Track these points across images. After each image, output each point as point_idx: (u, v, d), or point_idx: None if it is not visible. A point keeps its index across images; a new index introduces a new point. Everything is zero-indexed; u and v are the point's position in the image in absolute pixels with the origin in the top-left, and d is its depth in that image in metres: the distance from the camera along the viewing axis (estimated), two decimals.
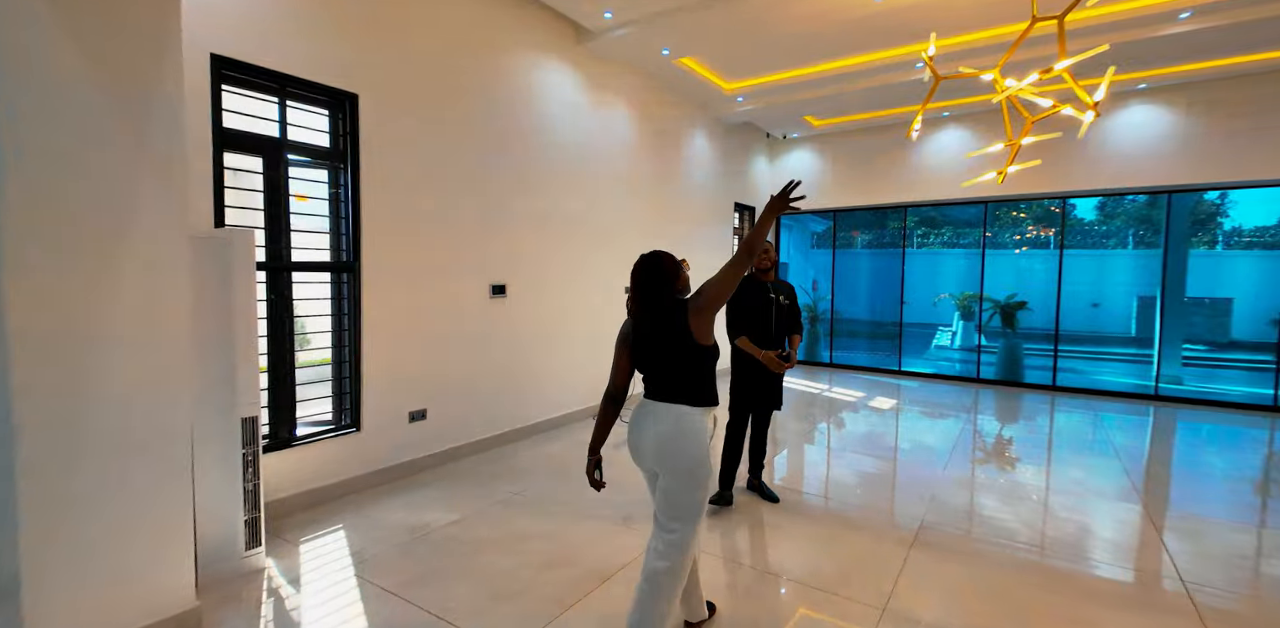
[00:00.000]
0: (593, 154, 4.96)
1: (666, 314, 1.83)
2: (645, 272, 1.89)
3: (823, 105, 6.39)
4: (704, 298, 1.79)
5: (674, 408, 1.80)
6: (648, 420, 1.83)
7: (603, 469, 1.96)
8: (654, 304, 1.86)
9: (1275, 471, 4.02)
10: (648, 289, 1.88)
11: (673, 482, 1.78)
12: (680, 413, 1.79)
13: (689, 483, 1.76)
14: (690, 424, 1.79)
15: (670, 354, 1.82)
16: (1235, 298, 11.35)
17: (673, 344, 1.81)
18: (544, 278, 4.52)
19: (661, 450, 1.78)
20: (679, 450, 1.76)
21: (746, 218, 8.03)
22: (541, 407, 4.56)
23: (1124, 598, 2.32)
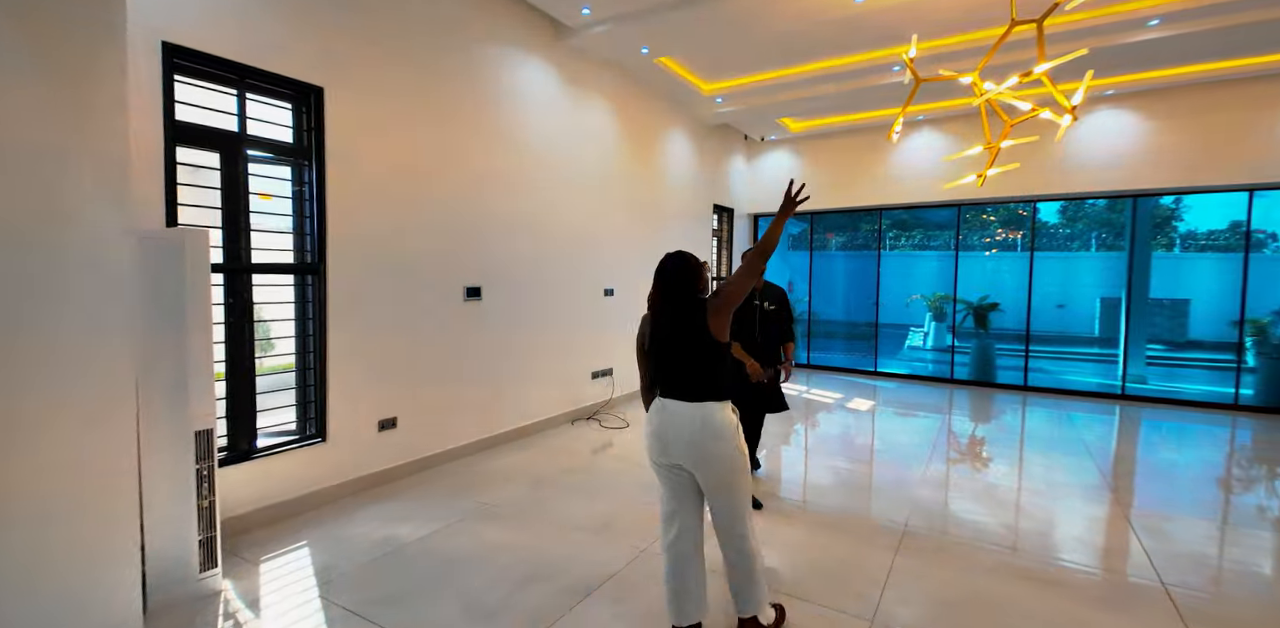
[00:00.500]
0: (571, 153, 4.86)
1: (687, 313, 1.88)
2: (673, 271, 1.94)
3: (800, 107, 6.40)
4: (721, 298, 1.85)
5: (702, 406, 1.84)
6: (675, 420, 1.86)
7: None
8: (677, 303, 1.91)
9: (1247, 467, 4.13)
10: (674, 288, 1.92)
11: (716, 480, 1.84)
12: (709, 410, 1.84)
13: (733, 477, 1.84)
14: (721, 421, 1.84)
15: (691, 352, 1.86)
16: (1192, 299, 11.79)
17: (693, 342, 1.86)
18: (520, 280, 4.40)
19: (698, 449, 1.82)
20: (715, 448, 1.81)
21: (725, 219, 8.01)
22: (517, 414, 4.44)
23: (1113, 600, 2.32)
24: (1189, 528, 3.00)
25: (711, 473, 1.83)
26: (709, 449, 1.81)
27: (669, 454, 1.88)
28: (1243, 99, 5.40)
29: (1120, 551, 2.76)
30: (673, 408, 1.87)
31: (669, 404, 1.88)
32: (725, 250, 8.10)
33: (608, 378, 5.41)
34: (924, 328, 12.05)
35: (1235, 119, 5.44)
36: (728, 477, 1.84)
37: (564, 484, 3.47)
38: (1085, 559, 2.66)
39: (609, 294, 5.40)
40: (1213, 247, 12.91)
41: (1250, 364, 5.93)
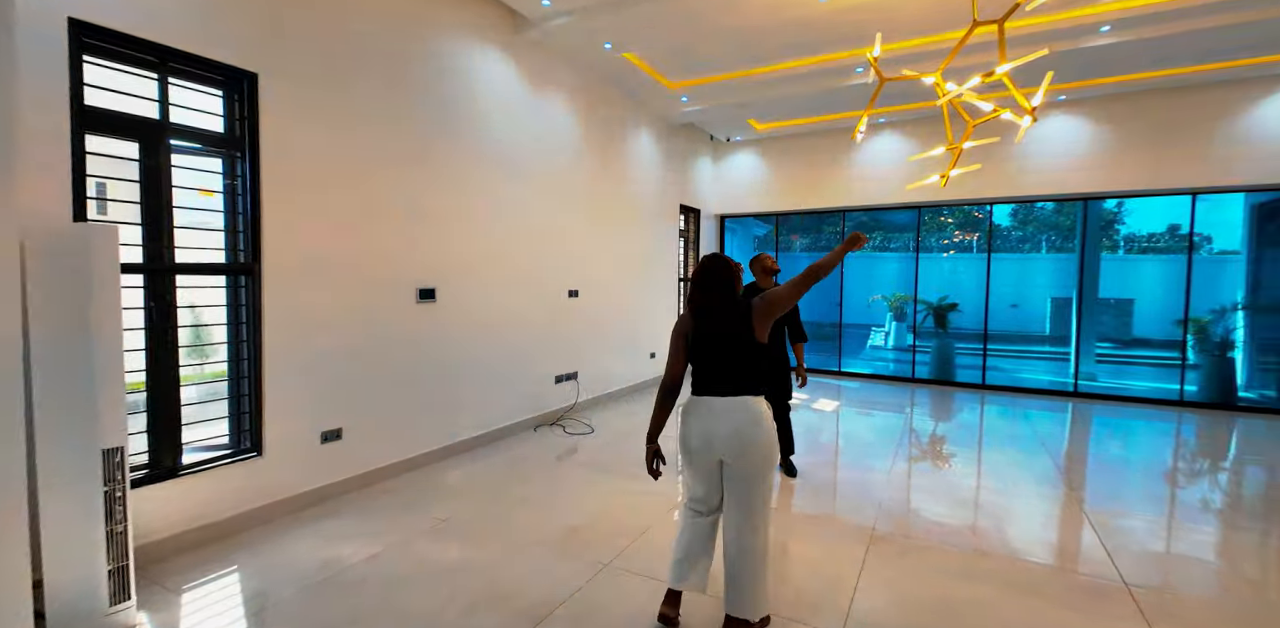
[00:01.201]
0: (532, 149, 4.69)
1: (731, 314, 1.97)
2: (713, 273, 2.02)
3: (766, 108, 6.38)
4: (768, 304, 1.95)
5: (743, 400, 1.93)
6: (715, 414, 1.93)
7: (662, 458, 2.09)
8: (719, 303, 1.99)
9: (1192, 461, 4.27)
10: (715, 289, 2.01)
11: (750, 469, 1.92)
12: (750, 404, 1.93)
13: (766, 468, 1.93)
14: (762, 414, 1.93)
15: (735, 350, 1.94)
16: (1135, 299, 12.36)
17: (737, 341, 1.95)
18: (478, 281, 4.22)
19: (740, 441, 1.90)
20: (756, 440, 1.90)
21: (692, 220, 7.95)
22: (475, 422, 4.25)
23: (1073, 596, 2.30)
24: (1145, 524, 3.05)
25: (748, 462, 1.91)
26: (751, 438, 1.89)
27: (713, 449, 1.94)
28: (1185, 106, 5.61)
29: (1078, 546, 2.77)
30: (715, 404, 1.94)
31: (711, 401, 1.95)
32: (692, 252, 8.04)
33: (572, 382, 5.25)
34: (885, 328, 12.29)
35: (1178, 125, 5.65)
36: (761, 466, 1.92)
37: (523, 495, 3.31)
38: (1045, 555, 2.66)
39: (573, 296, 5.25)
40: (1153, 249, 13.59)
41: (1193, 361, 6.17)
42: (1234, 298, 6.67)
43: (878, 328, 12.65)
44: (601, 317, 5.72)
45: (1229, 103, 5.44)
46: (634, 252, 6.29)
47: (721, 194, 8.30)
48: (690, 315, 2.04)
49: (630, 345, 6.31)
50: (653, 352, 6.80)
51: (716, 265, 2.03)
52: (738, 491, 1.94)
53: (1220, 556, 2.74)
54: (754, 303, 1.96)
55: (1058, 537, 2.94)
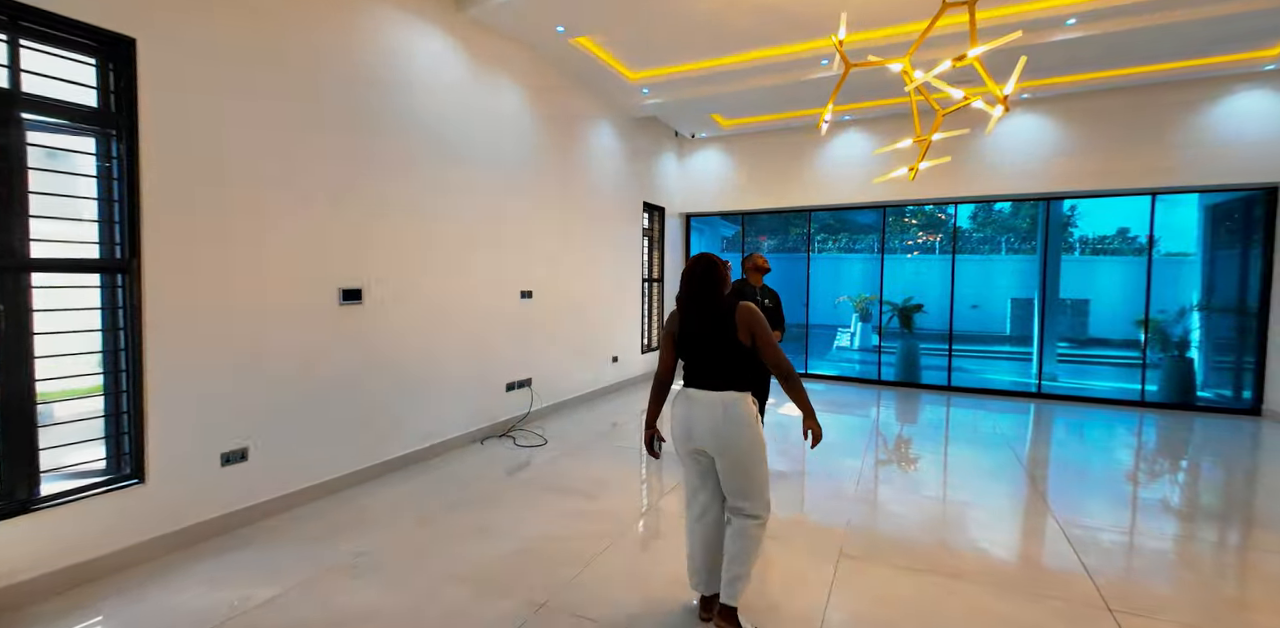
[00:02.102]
0: (478, 139, 4.34)
1: (717, 317, 2.01)
2: (701, 276, 2.07)
3: (730, 102, 6.15)
4: (749, 323, 1.97)
5: (722, 395, 1.97)
6: (696, 407, 1.99)
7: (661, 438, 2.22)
8: (705, 305, 2.05)
9: (1153, 461, 4.19)
10: (701, 290, 2.07)
11: (733, 463, 1.96)
12: (730, 399, 1.96)
13: (751, 461, 1.96)
14: (741, 409, 1.95)
15: (717, 350, 2.00)
16: (1091, 299, 12.66)
17: (720, 343, 2.00)
18: (415, 281, 3.85)
19: (718, 435, 1.94)
20: (735, 434, 1.93)
21: (656, 219, 7.68)
22: (411, 435, 3.87)
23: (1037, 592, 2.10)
24: (1117, 530, 2.89)
25: (730, 457, 1.95)
26: (730, 434, 1.93)
27: (693, 439, 2.01)
28: (1146, 106, 5.61)
29: (1049, 548, 2.59)
30: (697, 396, 2.00)
31: (693, 393, 2.02)
32: (657, 251, 7.77)
33: (525, 390, 4.91)
34: (851, 328, 12.28)
35: (1140, 126, 5.65)
36: (745, 460, 1.95)
37: (457, 521, 2.96)
38: (1013, 557, 2.46)
39: (527, 297, 4.90)
40: (1104, 251, 13.99)
41: (1151, 358, 6.19)
42: (1187, 299, 6.75)
43: (844, 329, 12.65)
44: (559, 319, 5.39)
45: (1189, 103, 5.46)
46: (595, 251, 5.98)
47: (687, 192, 8.06)
48: (677, 313, 2.12)
49: (591, 349, 6.00)
50: (615, 355, 6.50)
51: (701, 266, 2.08)
52: (730, 484, 2.01)
53: (1191, 552, 2.59)
54: (740, 311, 1.98)
55: (1032, 550, 2.76)
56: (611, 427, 4.97)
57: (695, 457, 2.07)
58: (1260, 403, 5.51)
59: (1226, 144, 5.33)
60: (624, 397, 6.25)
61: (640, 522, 2.97)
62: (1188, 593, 2.36)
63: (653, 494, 3.39)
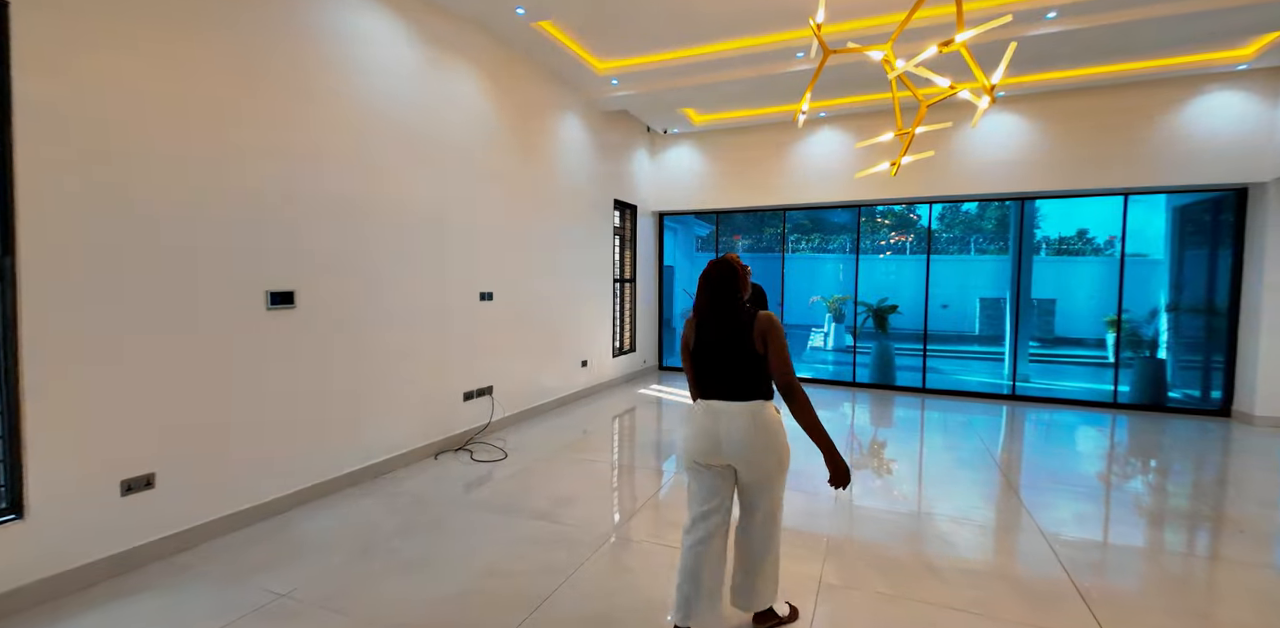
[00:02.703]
0: (434, 129, 4.01)
1: (735, 327, 1.92)
2: (719, 280, 1.98)
3: (703, 96, 5.93)
4: (765, 335, 1.89)
5: (749, 405, 1.89)
6: (724, 419, 1.90)
7: None
8: (723, 312, 1.95)
9: (1124, 464, 4.11)
10: (720, 296, 1.97)
11: (759, 473, 1.89)
12: (757, 408, 1.89)
13: (778, 466, 1.90)
14: (770, 417, 1.90)
15: (735, 358, 1.91)
16: (1057, 299, 12.88)
17: (738, 352, 1.91)
18: (359, 282, 3.51)
19: (751, 445, 1.86)
20: (767, 442, 1.86)
21: (628, 217, 7.42)
22: (354, 451, 3.54)
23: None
24: (1105, 544, 2.75)
25: (760, 468, 1.89)
26: (761, 444, 1.86)
27: (720, 453, 1.90)
28: (1121, 106, 5.57)
29: (1031, 553, 2.42)
30: (723, 408, 1.91)
31: (718, 405, 1.92)
32: (629, 250, 7.51)
33: (485, 398, 4.59)
34: (825, 329, 12.25)
35: (1114, 125, 5.61)
36: (774, 471, 1.91)
37: (399, 551, 2.66)
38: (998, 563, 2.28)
39: (486, 299, 4.59)
40: (1068, 251, 14.30)
41: (1111, 359, 6.18)
42: (1152, 300, 6.79)
43: (817, 329, 12.61)
44: (523, 322, 5.09)
45: (1163, 103, 5.43)
46: (563, 250, 5.69)
47: (660, 190, 7.82)
48: (692, 323, 2.03)
49: (559, 354, 5.70)
50: (585, 360, 6.21)
51: (719, 271, 1.99)
52: (756, 496, 1.94)
53: (1179, 557, 2.45)
54: (760, 319, 1.90)
55: (1011, 546, 2.59)
56: (582, 435, 4.70)
57: (715, 472, 1.95)
58: (1229, 404, 5.54)
59: (1199, 145, 5.32)
60: (596, 403, 5.98)
61: (604, 547, 2.71)
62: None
63: (622, 512, 3.12)
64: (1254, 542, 2.87)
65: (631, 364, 7.46)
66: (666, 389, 6.80)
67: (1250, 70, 5.11)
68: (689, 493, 1.99)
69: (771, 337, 1.87)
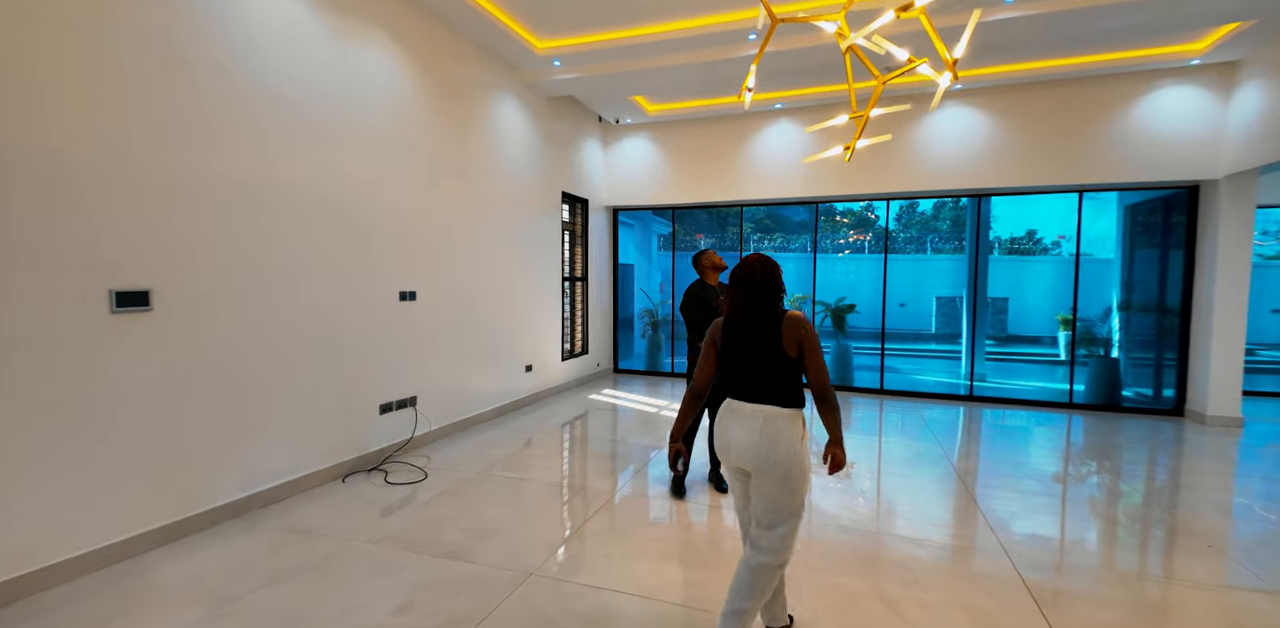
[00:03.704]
0: (338, 107, 3.53)
1: (767, 328, 1.84)
2: (763, 281, 1.89)
3: (654, 82, 5.57)
4: (797, 338, 1.82)
5: (764, 408, 1.83)
6: (735, 420, 1.86)
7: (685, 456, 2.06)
8: (760, 312, 1.87)
9: (1080, 464, 3.95)
10: (759, 296, 1.88)
11: (767, 483, 1.79)
12: (770, 413, 1.82)
13: (784, 485, 1.78)
14: (781, 425, 1.80)
15: (762, 362, 1.84)
16: (1010, 297, 13.11)
17: (766, 354, 1.84)
18: (241, 279, 3.01)
19: (756, 453, 1.79)
20: (770, 454, 1.78)
21: (579, 211, 7.01)
22: (238, 477, 3.04)
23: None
24: (1070, 553, 2.52)
25: (763, 479, 1.80)
26: (766, 454, 1.79)
27: (730, 455, 1.87)
28: (1075, 101, 5.48)
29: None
30: (738, 409, 1.87)
31: (735, 405, 1.89)
32: (579, 247, 7.10)
33: (407, 410, 4.12)
34: None
35: (1067, 121, 5.52)
36: (775, 487, 1.79)
37: (265, 608, 2.19)
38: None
39: (408, 299, 4.12)
40: (1018, 250, 14.62)
41: (1066, 358, 6.13)
42: (1104, 298, 6.79)
43: None
44: (454, 324, 4.63)
45: (1116, 99, 5.35)
46: (503, 245, 5.24)
47: (613, 183, 7.43)
48: (723, 323, 1.95)
49: (498, 358, 5.26)
50: (529, 364, 5.78)
51: (763, 268, 1.90)
52: (757, 505, 1.83)
53: (1128, 553, 2.23)
54: (789, 320, 1.83)
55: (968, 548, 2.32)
56: (524, 446, 4.29)
57: (738, 475, 1.92)
58: (1182, 403, 5.51)
59: (1152, 141, 5.26)
60: (541, 410, 5.56)
61: (521, 589, 2.31)
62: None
63: (548, 544, 2.73)
64: (1223, 557, 2.68)
65: (583, 368, 7.06)
66: (622, 394, 6.43)
67: (1202, 66, 5.06)
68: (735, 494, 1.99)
69: (807, 340, 1.81)
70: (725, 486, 3.43)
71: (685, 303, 3.43)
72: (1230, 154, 4.98)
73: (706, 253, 3.52)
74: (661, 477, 3.69)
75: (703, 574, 2.46)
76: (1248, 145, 4.78)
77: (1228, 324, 5.10)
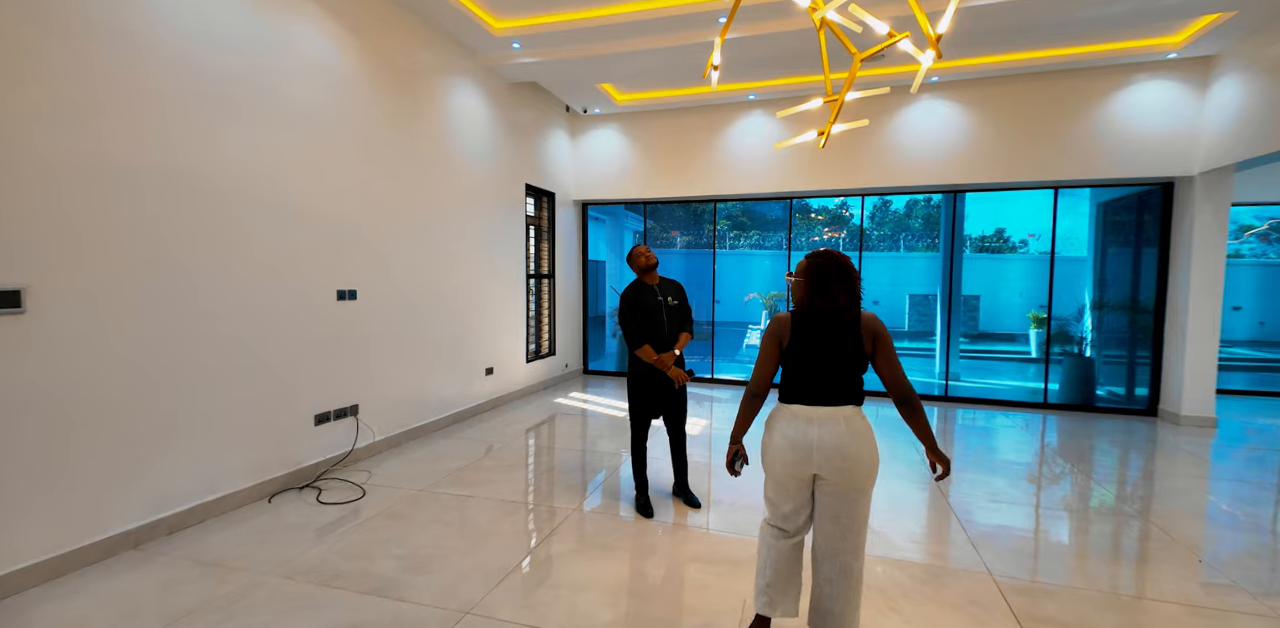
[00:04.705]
0: (258, 85, 3.16)
1: (847, 326, 1.79)
2: (839, 273, 1.80)
3: (622, 69, 5.28)
4: (877, 347, 1.79)
5: (843, 409, 1.79)
6: (815, 427, 1.77)
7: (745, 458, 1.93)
8: (839, 309, 1.80)
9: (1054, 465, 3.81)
10: (838, 291, 1.79)
11: (852, 486, 1.75)
12: (850, 413, 1.79)
13: (869, 485, 1.77)
14: (862, 422, 1.79)
15: (844, 361, 1.79)
16: (981, 295, 13.19)
17: (847, 353, 1.79)
18: (143, 276, 2.64)
19: (844, 454, 1.74)
20: (860, 451, 1.74)
21: (545, 205, 6.68)
22: (146, 500, 2.68)
23: None
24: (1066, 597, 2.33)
25: (850, 478, 1.75)
26: (856, 452, 1.74)
27: (812, 463, 1.78)
28: (1050, 96, 5.36)
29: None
30: (816, 414, 1.79)
31: (808, 411, 1.80)
32: (546, 242, 6.78)
33: (347, 420, 3.77)
34: (760, 326, 12.02)
35: (1043, 117, 5.40)
36: (864, 482, 1.76)
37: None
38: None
39: (347, 298, 3.76)
40: (987, 248, 14.76)
41: (1037, 356, 6.05)
42: (1076, 296, 6.74)
43: (754, 326, 12.36)
44: (401, 325, 4.28)
45: (1092, 94, 5.24)
46: (456, 240, 4.89)
47: (582, 176, 7.12)
48: (793, 319, 1.86)
49: (455, 361, 4.92)
50: (489, 367, 5.45)
51: (834, 263, 1.81)
52: (837, 508, 1.79)
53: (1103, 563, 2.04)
54: (866, 318, 1.81)
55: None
56: (479, 457, 3.97)
57: (802, 484, 1.83)
58: (1156, 403, 5.46)
59: (1128, 137, 5.17)
60: (503, 416, 5.24)
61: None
62: None
63: (491, 576, 2.43)
64: (1217, 574, 2.53)
65: (550, 369, 6.75)
66: (592, 398, 6.14)
67: (1179, 60, 4.97)
68: (768, 495, 1.92)
69: (883, 338, 1.79)
70: (696, 500, 3.21)
71: (626, 311, 3.02)
72: (1206, 150, 4.91)
73: (638, 250, 3.09)
74: (631, 491, 3.42)
75: (663, 611, 2.19)
76: (1222, 141, 4.70)
77: (1201, 324, 5.05)
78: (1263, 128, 4.28)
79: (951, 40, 4.42)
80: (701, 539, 2.80)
